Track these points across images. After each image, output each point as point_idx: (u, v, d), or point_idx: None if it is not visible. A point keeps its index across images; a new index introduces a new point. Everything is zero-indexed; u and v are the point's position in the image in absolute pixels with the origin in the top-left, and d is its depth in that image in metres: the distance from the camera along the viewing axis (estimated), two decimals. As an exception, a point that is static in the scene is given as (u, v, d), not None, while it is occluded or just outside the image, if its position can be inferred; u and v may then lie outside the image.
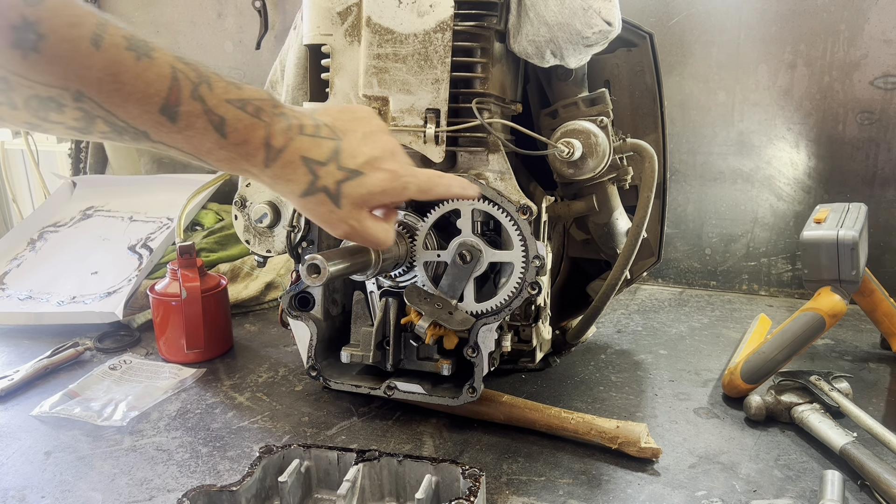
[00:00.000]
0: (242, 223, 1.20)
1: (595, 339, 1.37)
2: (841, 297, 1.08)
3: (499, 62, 1.03)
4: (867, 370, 1.21)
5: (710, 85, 1.55)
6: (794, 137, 1.51)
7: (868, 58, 1.42)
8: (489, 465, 0.96)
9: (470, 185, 0.92)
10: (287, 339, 1.38)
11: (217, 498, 0.81)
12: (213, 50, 1.99)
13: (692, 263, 1.66)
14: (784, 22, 1.46)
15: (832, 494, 0.84)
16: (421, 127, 0.98)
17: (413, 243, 1.00)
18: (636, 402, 1.13)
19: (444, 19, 0.95)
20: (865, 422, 0.98)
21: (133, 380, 1.21)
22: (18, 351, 1.35)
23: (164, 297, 1.27)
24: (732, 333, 1.39)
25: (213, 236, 1.66)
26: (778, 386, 1.07)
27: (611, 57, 1.14)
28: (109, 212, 1.76)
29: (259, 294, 1.56)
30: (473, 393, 1.00)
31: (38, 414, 1.10)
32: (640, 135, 1.16)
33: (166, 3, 2.01)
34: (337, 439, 1.03)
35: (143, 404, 1.13)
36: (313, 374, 1.08)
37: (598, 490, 0.90)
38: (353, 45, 1.00)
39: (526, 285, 0.98)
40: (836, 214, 1.16)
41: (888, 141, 1.45)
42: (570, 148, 1.02)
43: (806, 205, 1.53)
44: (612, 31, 0.99)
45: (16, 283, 1.55)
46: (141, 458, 0.99)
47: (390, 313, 1.04)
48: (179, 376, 1.21)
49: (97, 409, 1.11)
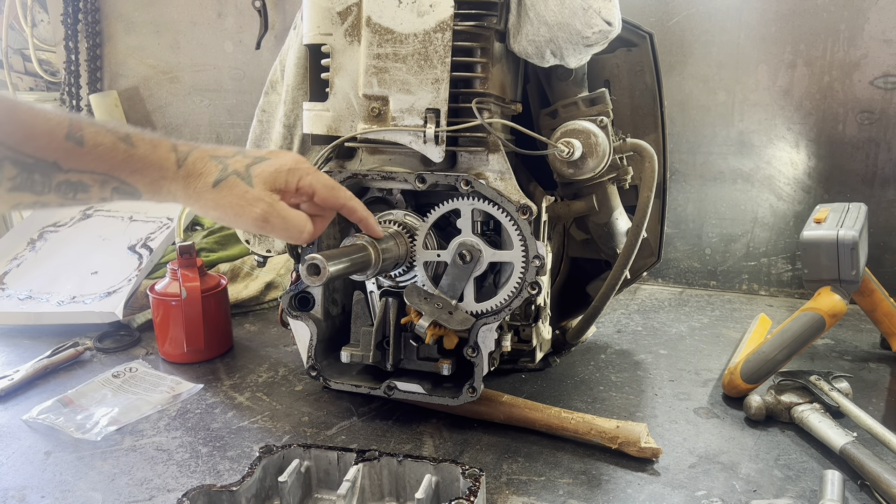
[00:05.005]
0: (242, 223, 1.20)
1: (595, 339, 1.37)
2: (841, 297, 1.08)
3: (499, 62, 1.03)
4: (867, 370, 1.21)
5: (710, 85, 1.55)
6: (794, 137, 1.51)
7: (868, 58, 1.42)
8: (489, 465, 0.96)
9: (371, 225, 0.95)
10: (287, 339, 1.38)
11: (217, 498, 0.81)
12: (213, 50, 1.99)
13: (692, 263, 1.66)
14: (784, 22, 1.46)
15: (832, 494, 0.84)
16: (421, 127, 0.98)
17: (413, 243, 1.00)
18: (636, 402, 1.13)
19: (444, 19, 0.95)
20: (865, 422, 0.98)
21: (131, 391, 1.18)
22: (18, 351, 1.35)
23: (164, 297, 1.27)
24: (732, 333, 1.39)
25: (213, 236, 1.66)
26: (778, 386, 1.07)
27: (611, 57, 1.14)
28: (109, 212, 1.76)
29: (259, 294, 1.56)
30: (473, 393, 1.00)
31: (27, 419, 1.10)
32: (640, 135, 1.16)
33: (166, 3, 2.01)
34: (337, 439, 1.03)
35: (127, 419, 1.09)
36: (313, 374, 1.08)
37: (598, 490, 0.90)
38: (353, 44, 1.00)
39: (526, 285, 0.98)
40: (836, 214, 1.16)
41: (888, 141, 1.45)
42: (570, 148, 1.02)
43: (806, 205, 1.53)
44: (612, 31, 0.99)
45: (16, 283, 1.55)
46: (141, 458, 0.99)
47: (390, 313, 1.04)
48: (175, 391, 1.18)
49: (78, 421, 1.08)
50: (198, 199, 0.83)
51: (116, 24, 2.10)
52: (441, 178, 0.98)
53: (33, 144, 0.72)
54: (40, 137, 0.72)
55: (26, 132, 0.72)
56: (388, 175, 1.00)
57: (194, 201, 0.83)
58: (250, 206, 0.83)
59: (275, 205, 0.84)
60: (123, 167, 0.78)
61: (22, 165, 0.72)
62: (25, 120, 0.72)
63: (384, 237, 0.96)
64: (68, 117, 0.75)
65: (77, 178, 0.76)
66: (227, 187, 0.82)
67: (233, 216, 0.83)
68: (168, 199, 0.83)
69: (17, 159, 0.71)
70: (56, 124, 0.73)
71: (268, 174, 0.84)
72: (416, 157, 1.01)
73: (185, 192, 0.82)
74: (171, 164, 0.81)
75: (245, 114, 2.00)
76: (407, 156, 1.02)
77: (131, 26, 2.08)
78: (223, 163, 0.83)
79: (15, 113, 0.71)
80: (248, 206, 0.82)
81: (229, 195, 0.82)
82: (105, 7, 2.09)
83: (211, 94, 2.04)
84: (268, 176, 0.84)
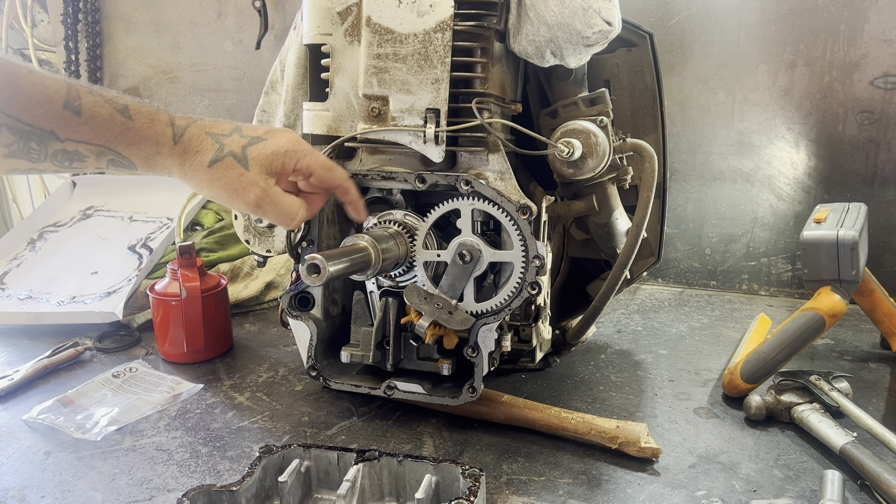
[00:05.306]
0: (242, 223, 1.20)
1: (595, 339, 1.37)
2: (841, 297, 1.08)
3: (499, 62, 1.03)
4: (867, 370, 1.21)
5: (710, 85, 1.55)
6: (794, 137, 1.51)
7: (868, 58, 1.42)
8: (489, 465, 0.96)
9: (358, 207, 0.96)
10: (287, 339, 1.38)
11: (217, 498, 0.81)
12: (213, 50, 1.99)
13: (692, 263, 1.66)
14: (784, 22, 1.46)
15: (832, 494, 0.84)
16: (421, 127, 0.98)
17: (413, 243, 1.00)
18: (636, 402, 1.13)
19: (443, 19, 0.95)
20: (865, 422, 0.98)
21: (131, 390, 1.18)
22: (18, 351, 1.35)
23: (164, 297, 1.27)
24: (732, 333, 1.39)
25: (213, 236, 1.66)
26: (778, 386, 1.07)
27: (611, 57, 1.14)
28: (109, 212, 1.76)
29: (259, 294, 1.56)
30: (473, 393, 1.00)
31: (27, 419, 1.10)
32: (640, 135, 1.16)
33: (166, 3, 2.01)
34: (337, 439, 1.03)
35: (127, 419, 1.09)
36: (313, 374, 1.08)
37: (598, 490, 0.90)
38: (353, 44, 1.00)
39: (526, 285, 0.98)
40: (836, 214, 1.16)
41: (888, 141, 1.45)
42: (570, 148, 1.02)
43: (806, 205, 1.53)
44: (612, 31, 0.99)
45: (16, 283, 1.55)
46: (141, 458, 0.99)
47: (390, 313, 1.04)
48: (175, 391, 1.18)
49: (78, 421, 1.08)
50: (193, 176, 0.83)
51: (116, 24, 2.10)
52: (441, 178, 0.98)
53: (31, 113, 0.71)
54: (38, 106, 0.72)
55: (24, 99, 0.71)
56: (388, 175, 1.00)
57: (189, 178, 0.83)
58: (244, 191, 0.83)
59: (268, 190, 0.84)
60: (120, 140, 0.77)
61: (19, 133, 0.72)
62: (24, 87, 0.71)
63: (384, 237, 0.96)
64: (66, 84, 0.74)
65: (73, 148, 0.75)
66: (223, 168, 0.82)
67: (226, 198, 0.84)
68: (163, 173, 0.83)
69: (14, 126, 0.71)
70: (55, 92, 0.73)
71: (264, 157, 0.84)
72: (416, 157, 1.01)
73: (181, 169, 0.82)
74: (168, 140, 0.81)
75: (245, 114, 2.00)
76: (407, 156, 1.02)
77: (131, 26, 2.08)
78: (220, 141, 0.83)
79: (14, 79, 0.71)
80: (241, 190, 0.83)
81: (224, 177, 0.82)
82: (105, 7, 2.09)
83: (211, 94, 2.04)
84: (264, 159, 0.84)
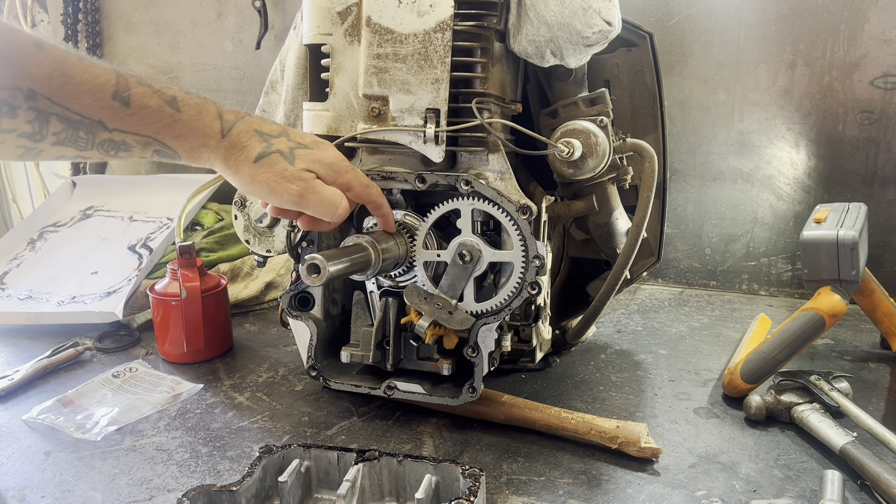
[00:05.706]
0: (242, 223, 1.20)
1: (595, 339, 1.37)
2: (841, 297, 1.08)
3: (499, 62, 1.03)
4: (867, 370, 1.21)
5: (710, 85, 1.55)
6: (794, 137, 1.51)
7: (868, 58, 1.42)
8: (489, 465, 0.96)
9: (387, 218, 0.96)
10: (287, 339, 1.38)
11: (217, 498, 0.81)
12: (213, 50, 1.99)
13: (692, 263, 1.66)
14: (784, 22, 1.46)
15: (832, 494, 0.84)
16: (421, 127, 0.98)
17: (413, 243, 1.00)
18: (636, 402, 1.13)
19: (443, 19, 0.95)
20: (865, 422, 0.98)
21: (131, 390, 1.18)
22: (18, 351, 1.35)
23: (164, 297, 1.27)
24: (732, 333, 1.39)
25: (213, 236, 1.66)
26: (778, 386, 1.07)
27: (611, 57, 1.14)
28: (109, 212, 1.76)
29: (259, 294, 1.56)
30: (473, 393, 1.00)
31: (27, 419, 1.09)
32: (640, 135, 1.16)
33: (166, 3, 2.01)
34: (337, 439, 1.03)
35: (127, 419, 1.09)
36: (313, 374, 1.08)
37: (598, 490, 0.90)
38: (353, 44, 1.00)
39: (526, 285, 0.98)
40: (836, 214, 1.16)
41: (888, 141, 1.45)
42: (570, 148, 1.02)
43: (806, 205, 1.53)
44: (612, 31, 0.99)
45: (16, 283, 1.55)
46: (141, 457, 0.99)
47: (390, 313, 1.04)
48: (175, 391, 1.18)
49: (78, 421, 1.08)
50: (236, 170, 0.83)
51: (116, 24, 2.10)
52: (441, 178, 0.98)
53: (80, 102, 0.71)
54: (87, 95, 0.72)
55: (74, 88, 0.71)
56: (388, 175, 1.00)
57: (232, 172, 0.84)
58: (288, 183, 0.83)
59: (311, 182, 0.84)
60: (167, 131, 0.78)
61: (68, 122, 0.71)
62: (74, 75, 0.71)
63: (384, 237, 0.96)
64: (116, 73, 0.74)
65: (120, 138, 0.76)
66: (268, 164, 0.82)
67: (268, 192, 0.84)
68: (206, 165, 0.84)
69: (63, 115, 0.71)
70: (104, 81, 0.73)
71: (309, 160, 0.85)
72: (416, 157, 1.01)
73: (225, 163, 0.83)
74: (215, 133, 0.81)
75: (245, 114, 2.00)
76: (407, 156, 1.02)
77: (131, 26, 2.08)
78: (267, 140, 0.84)
79: (64, 67, 0.71)
80: (285, 183, 0.83)
81: (268, 171, 0.82)
82: (105, 7, 2.09)
83: (211, 94, 2.00)
84: (310, 161, 0.85)
